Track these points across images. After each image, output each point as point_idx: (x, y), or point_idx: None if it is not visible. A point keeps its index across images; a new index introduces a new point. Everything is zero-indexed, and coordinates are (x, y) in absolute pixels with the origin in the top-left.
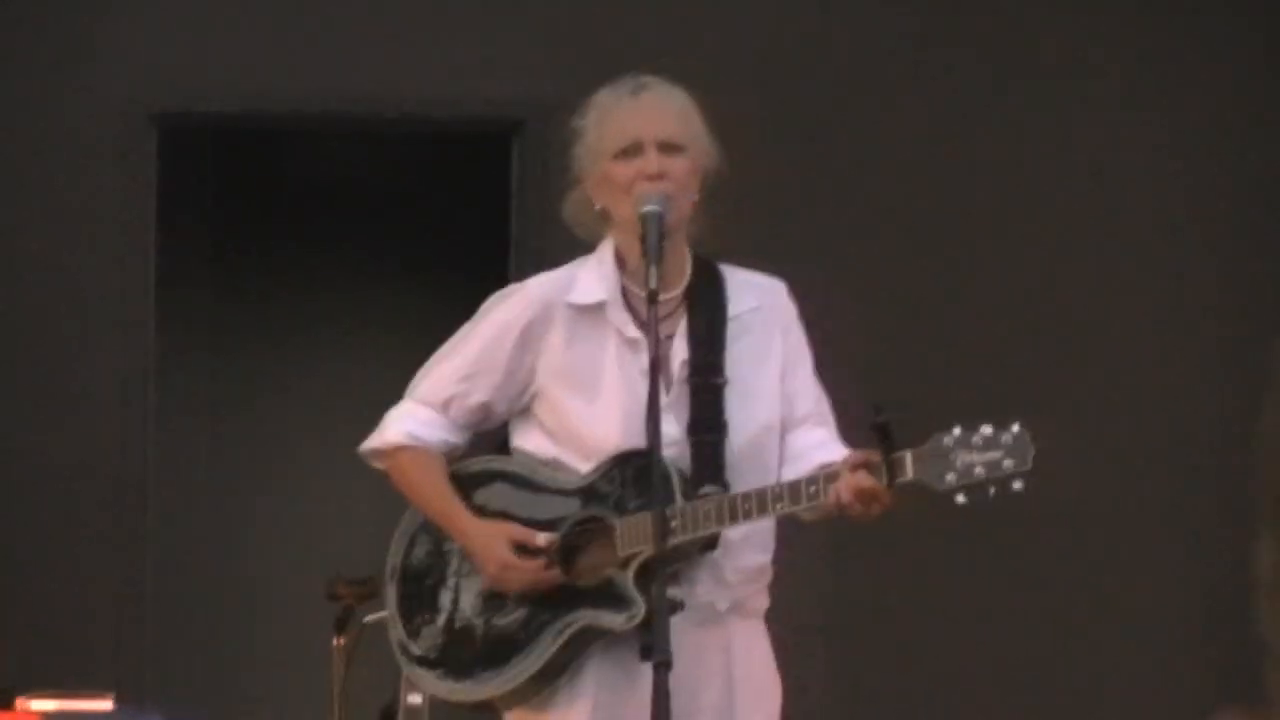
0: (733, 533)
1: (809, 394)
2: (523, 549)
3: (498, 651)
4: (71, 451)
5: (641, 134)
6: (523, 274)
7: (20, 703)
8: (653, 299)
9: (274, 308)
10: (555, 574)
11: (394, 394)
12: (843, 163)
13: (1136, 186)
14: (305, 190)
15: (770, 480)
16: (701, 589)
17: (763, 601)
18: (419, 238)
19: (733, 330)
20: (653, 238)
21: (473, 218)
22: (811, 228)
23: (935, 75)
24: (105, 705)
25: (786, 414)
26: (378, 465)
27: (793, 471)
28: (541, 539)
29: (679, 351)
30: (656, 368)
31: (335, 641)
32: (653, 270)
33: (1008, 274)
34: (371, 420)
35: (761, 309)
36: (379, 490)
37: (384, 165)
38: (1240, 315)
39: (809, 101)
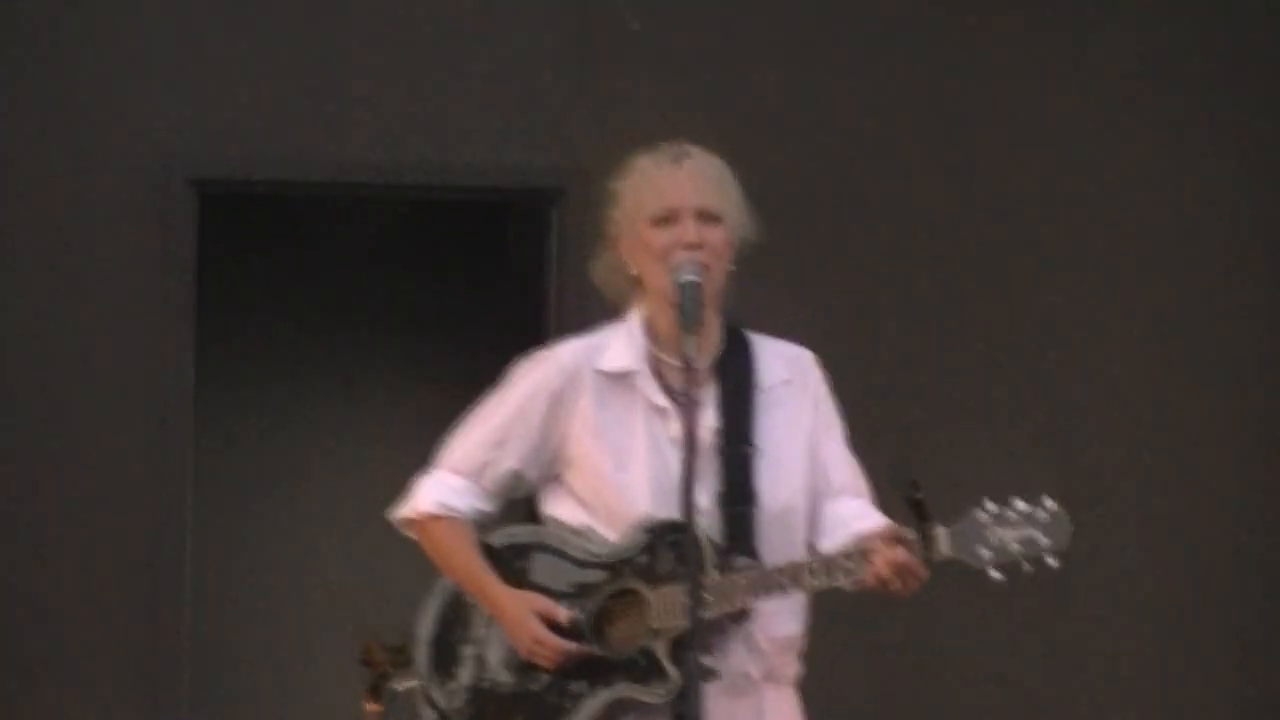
0: (766, 602)
1: (843, 464)
2: (550, 623)
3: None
4: (107, 515)
5: (680, 202)
6: (559, 342)
7: None
8: (689, 368)
9: (308, 371)
10: (585, 649)
11: (426, 460)
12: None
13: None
14: (341, 256)
15: (799, 551)
16: (735, 658)
17: (794, 669)
18: (455, 304)
19: (762, 401)
20: (690, 306)
21: (510, 286)
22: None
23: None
24: None
25: (822, 485)
26: (409, 533)
27: (830, 542)
28: (563, 615)
29: (708, 420)
30: (693, 436)
31: (368, 707)
32: (690, 339)
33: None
34: (401, 483)
35: (792, 381)
36: (416, 551)
37: (424, 231)
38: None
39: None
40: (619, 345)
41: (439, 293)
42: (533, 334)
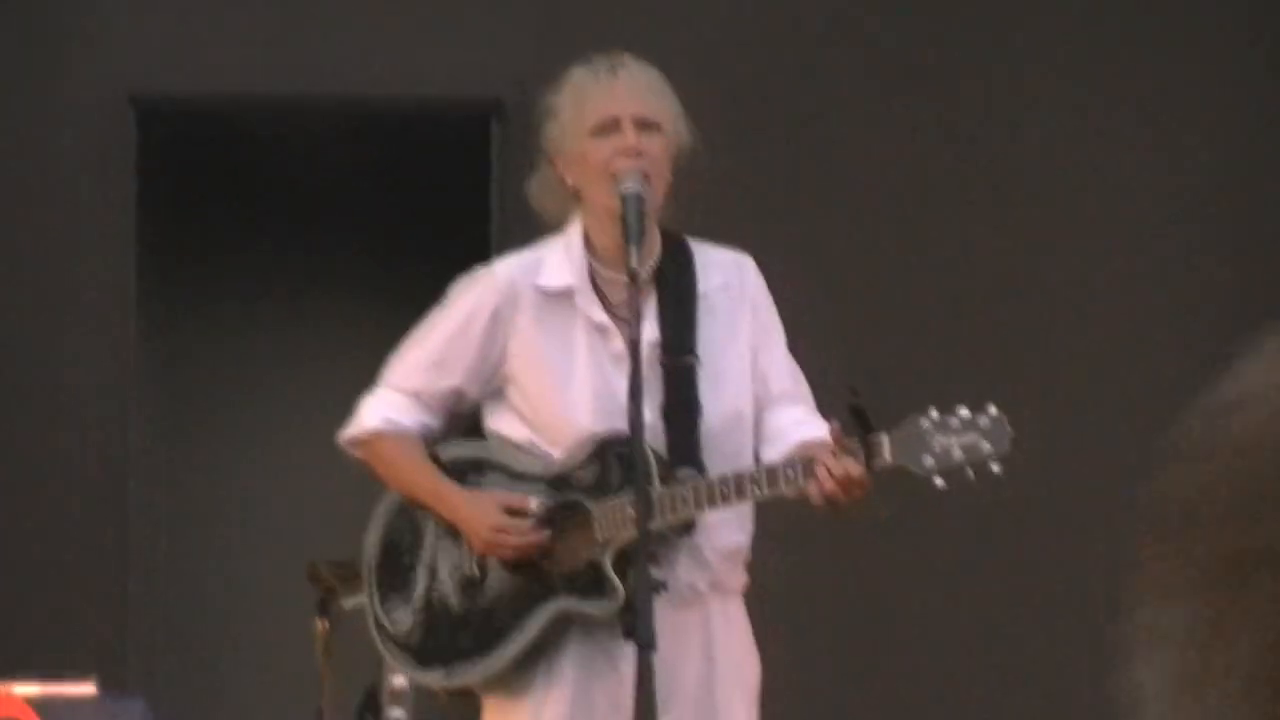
0: (711, 514)
1: (783, 371)
2: (513, 513)
3: (476, 640)
4: (52, 441)
5: (618, 111)
6: (500, 257)
7: (3, 688)
8: (634, 279)
9: (251, 293)
10: (544, 536)
11: (372, 379)
12: (827, 149)
13: (1131, 181)
14: (281, 174)
15: (745, 459)
16: (681, 570)
17: (740, 579)
18: (397, 221)
19: (701, 309)
20: (633, 218)
21: (452, 200)
22: (793, 215)
23: (927, 66)
24: (88, 690)
25: (761, 392)
26: (356, 454)
27: (772, 450)
28: (533, 503)
29: (649, 333)
30: (638, 351)
31: (318, 625)
32: (633, 250)
33: (999, 267)
34: (350, 406)
35: (729, 285)
36: (358, 475)
37: (361, 148)
38: (1237, 312)
39: (788, 82)
40: (558, 261)
41: (383, 208)
42: (477, 247)
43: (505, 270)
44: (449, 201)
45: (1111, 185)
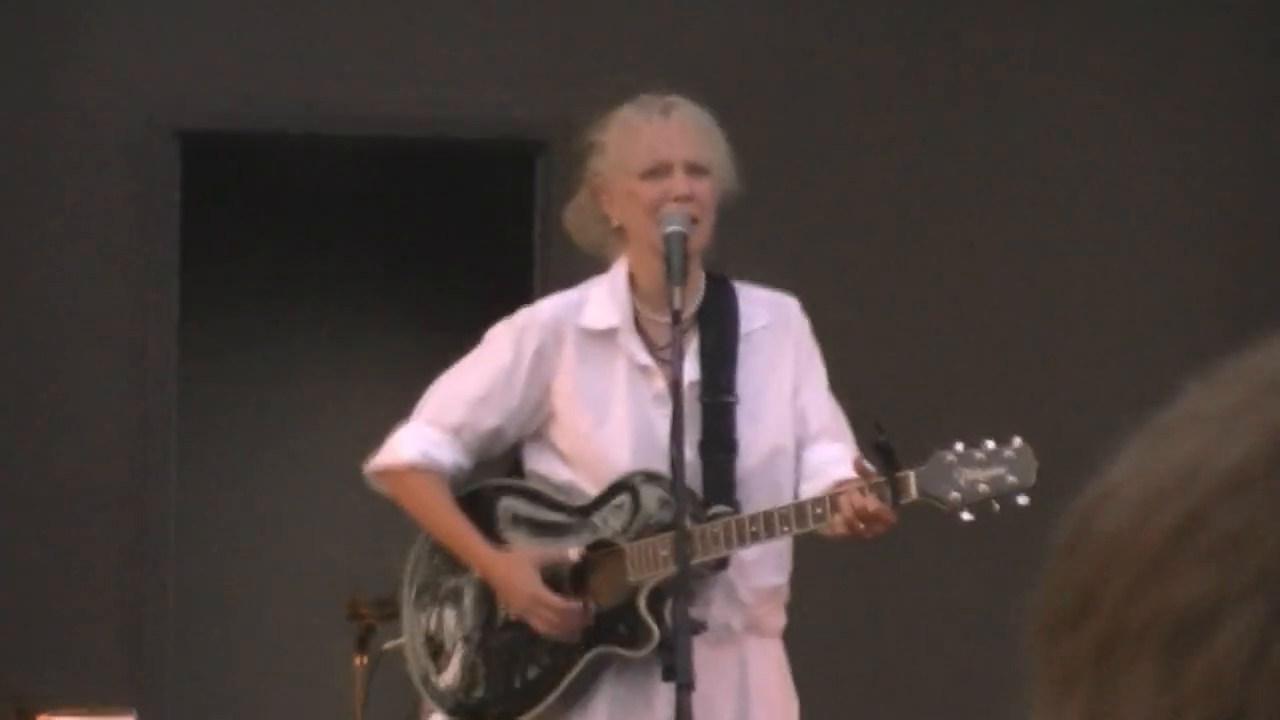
0: (747, 553)
1: (823, 409)
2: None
3: (515, 688)
4: (89, 466)
5: (670, 155)
6: (546, 292)
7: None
8: (677, 320)
9: (295, 327)
10: (585, 613)
11: (409, 411)
12: (840, 168)
13: (1134, 186)
14: (327, 211)
15: (784, 497)
16: (716, 609)
17: (778, 620)
18: (441, 255)
19: (743, 349)
20: (677, 259)
21: (496, 237)
22: (808, 235)
23: (930, 78)
24: None
25: (800, 431)
26: (381, 485)
27: (809, 489)
28: (572, 553)
29: (690, 372)
30: (680, 390)
31: (356, 660)
32: (677, 292)
33: (1005, 277)
34: (384, 435)
35: (772, 326)
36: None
37: (407, 185)
38: (1240, 316)
39: (806, 111)
40: (601, 301)
41: (425, 243)
42: (518, 285)
43: (550, 310)
44: (493, 239)
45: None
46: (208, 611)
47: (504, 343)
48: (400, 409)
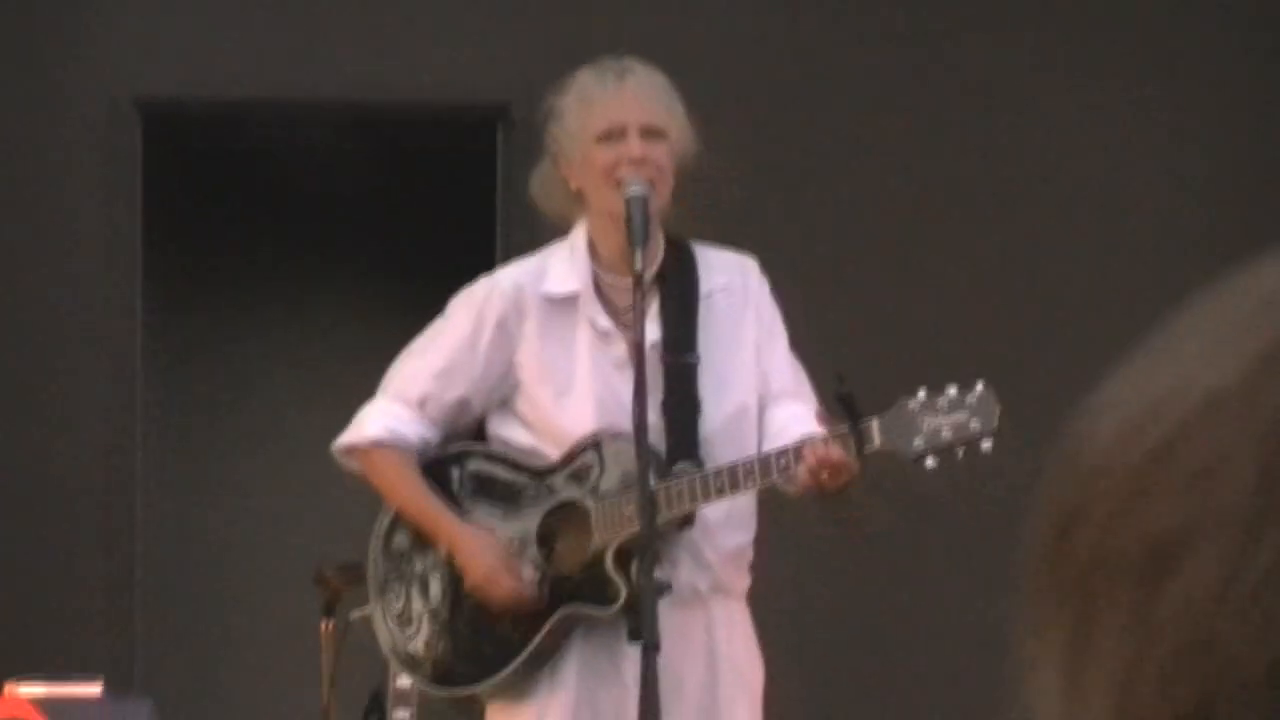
0: (712, 513)
1: (785, 369)
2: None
3: (488, 654)
4: (59, 442)
5: (625, 119)
6: (509, 261)
7: (9, 688)
8: (638, 282)
9: (256, 297)
10: (537, 595)
11: (376, 384)
12: (829, 151)
13: (1135, 186)
14: (287, 179)
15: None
16: (683, 570)
17: (744, 581)
18: (403, 227)
19: (704, 309)
20: (638, 220)
21: (457, 205)
22: (794, 219)
23: (926, 67)
24: (94, 690)
25: (763, 389)
26: (350, 463)
27: (772, 446)
28: (528, 573)
29: (651, 333)
30: (642, 352)
31: (323, 626)
32: (638, 253)
33: (1003, 274)
34: (354, 411)
35: (731, 286)
36: (362, 479)
37: (367, 154)
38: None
39: (790, 86)
40: (561, 267)
41: (388, 213)
42: (481, 252)
43: (510, 278)
44: (454, 207)
45: (1116, 189)
46: (178, 584)
47: (464, 314)
48: (364, 379)
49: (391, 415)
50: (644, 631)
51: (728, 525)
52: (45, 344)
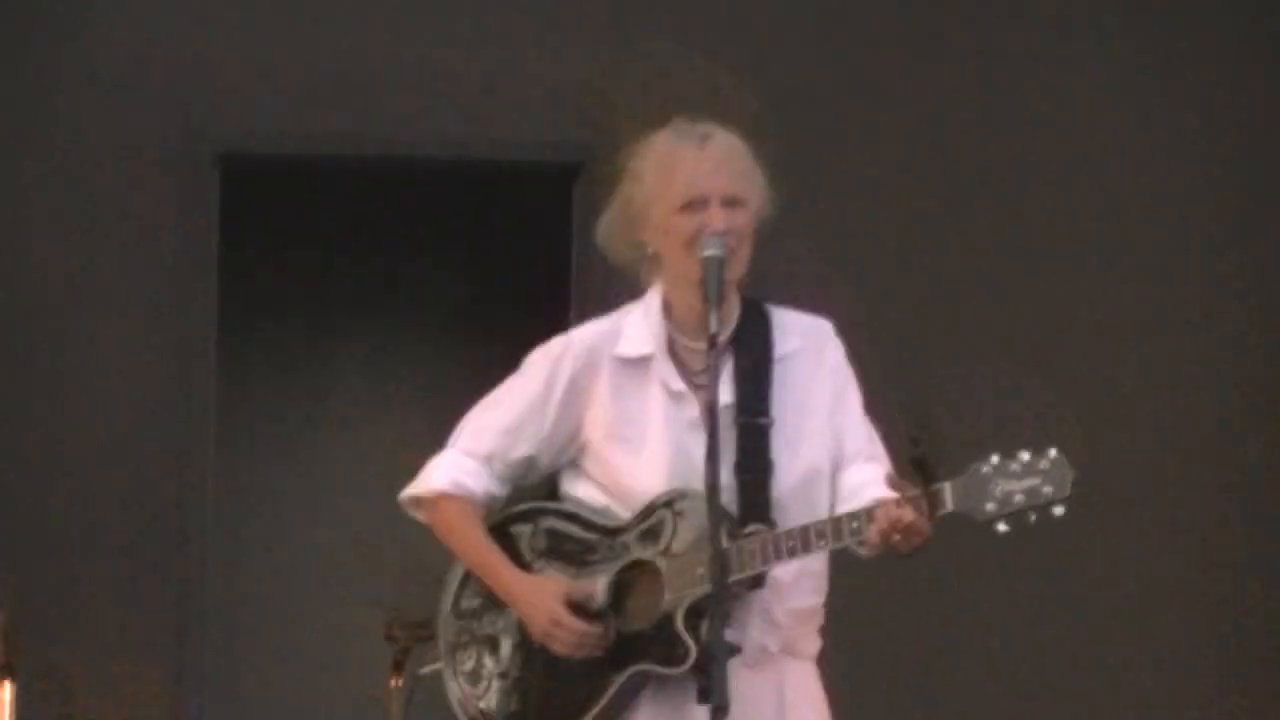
0: (784, 574)
1: (858, 431)
2: (578, 607)
3: (554, 710)
4: (128, 487)
5: (707, 190)
6: (583, 314)
7: None
8: (713, 344)
9: (331, 348)
10: (604, 635)
11: (447, 435)
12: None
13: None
14: (367, 231)
15: (821, 518)
16: (753, 630)
17: (814, 643)
18: (479, 279)
19: (778, 372)
20: (713, 281)
21: (533, 260)
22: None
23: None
24: None
25: (836, 453)
26: (416, 514)
27: (844, 509)
28: (600, 586)
29: (724, 395)
30: (715, 412)
31: (392, 682)
32: (713, 315)
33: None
34: (424, 460)
35: (806, 349)
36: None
37: (446, 209)
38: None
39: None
40: (636, 328)
41: (463, 266)
42: (555, 307)
43: (584, 338)
44: (530, 261)
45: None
46: (246, 631)
47: (538, 371)
48: (436, 430)
49: (458, 468)
50: (713, 694)
51: (799, 586)
52: (123, 379)
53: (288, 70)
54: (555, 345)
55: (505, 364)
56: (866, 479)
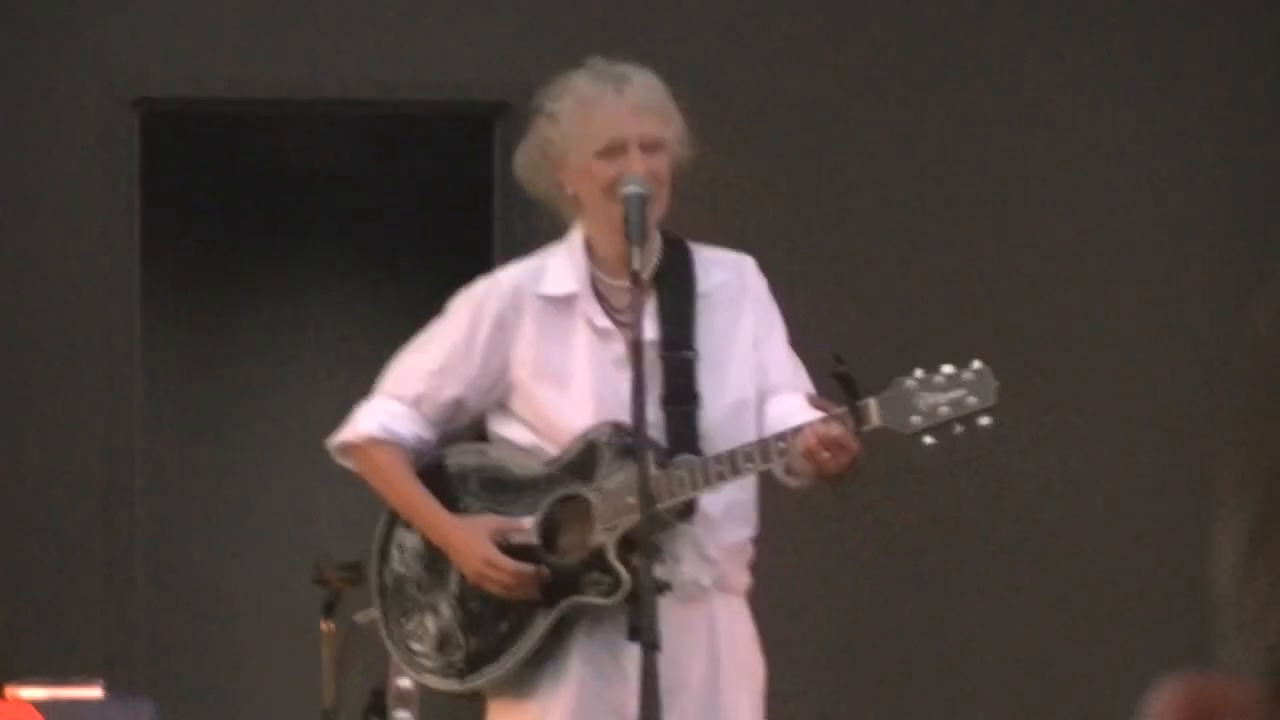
0: (713, 507)
1: (783, 363)
2: (506, 544)
3: (488, 645)
4: (56, 444)
5: (626, 133)
6: (507, 258)
7: (10, 691)
8: (636, 281)
9: (254, 294)
10: (536, 574)
11: (374, 381)
12: (829, 155)
13: (1133, 184)
14: (284, 176)
15: None
16: (685, 566)
17: (745, 578)
18: (401, 224)
19: (701, 306)
20: (635, 219)
21: (454, 202)
22: (795, 223)
23: (929, 68)
24: (95, 693)
25: (761, 383)
26: (344, 461)
27: (770, 430)
28: (527, 523)
29: (649, 331)
30: (640, 349)
31: (324, 626)
32: (635, 251)
33: (1000, 270)
34: (351, 408)
35: (729, 283)
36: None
37: (364, 151)
38: (1239, 318)
39: (792, 86)
40: (560, 267)
41: (384, 210)
42: (478, 250)
43: (509, 278)
44: (451, 203)
45: (1112, 183)
46: (179, 585)
47: (462, 314)
48: (362, 376)
49: (387, 413)
50: (644, 630)
51: (729, 520)
52: (43, 343)
53: (209, 14)
54: (479, 287)
55: (429, 309)
56: (792, 408)
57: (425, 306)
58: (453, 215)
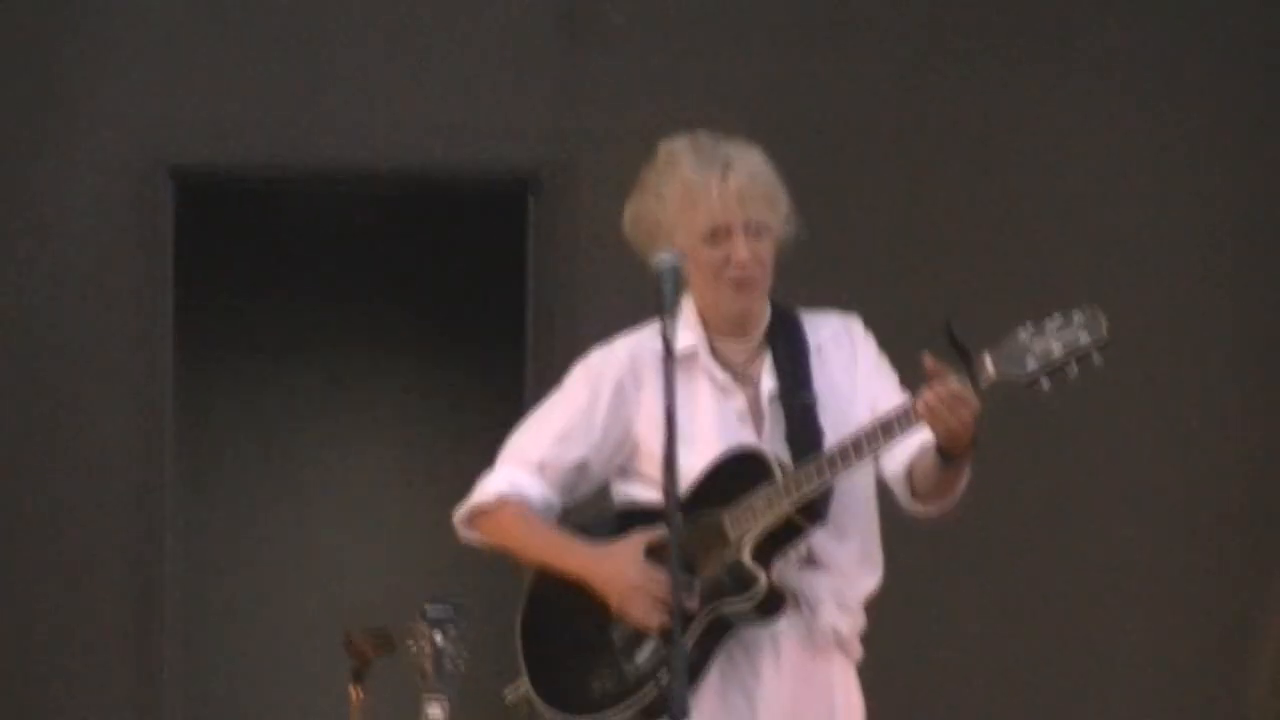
0: (848, 555)
1: (896, 399)
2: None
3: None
4: (85, 508)
5: (730, 221)
6: (539, 333)
7: None
8: (669, 351)
9: (286, 362)
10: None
11: (413, 445)
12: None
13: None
14: (316, 246)
15: (868, 485)
16: (824, 611)
17: (859, 647)
18: (436, 295)
19: (815, 361)
20: (668, 289)
21: (487, 272)
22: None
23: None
24: None
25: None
26: (469, 535)
27: (890, 465)
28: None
29: (766, 382)
30: (673, 417)
31: (352, 693)
32: (668, 321)
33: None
34: (381, 474)
35: (839, 335)
36: (391, 545)
37: (397, 224)
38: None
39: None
40: (678, 327)
41: (419, 283)
42: (512, 324)
43: (624, 347)
44: (485, 272)
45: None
46: (211, 645)
47: (581, 382)
48: (395, 445)
49: (511, 476)
50: (673, 703)
51: (864, 568)
52: (77, 407)
53: (245, 86)
54: (594, 357)
55: (462, 376)
56: (909, 439)
57: (458, 375)
58: (486, 283)
